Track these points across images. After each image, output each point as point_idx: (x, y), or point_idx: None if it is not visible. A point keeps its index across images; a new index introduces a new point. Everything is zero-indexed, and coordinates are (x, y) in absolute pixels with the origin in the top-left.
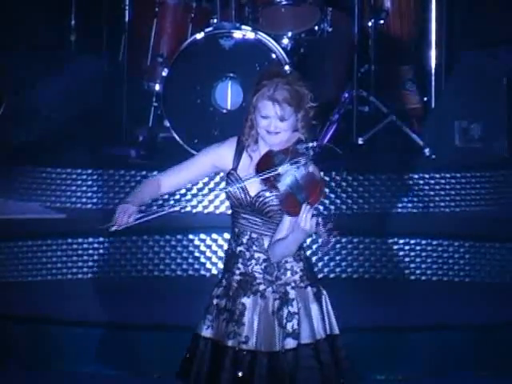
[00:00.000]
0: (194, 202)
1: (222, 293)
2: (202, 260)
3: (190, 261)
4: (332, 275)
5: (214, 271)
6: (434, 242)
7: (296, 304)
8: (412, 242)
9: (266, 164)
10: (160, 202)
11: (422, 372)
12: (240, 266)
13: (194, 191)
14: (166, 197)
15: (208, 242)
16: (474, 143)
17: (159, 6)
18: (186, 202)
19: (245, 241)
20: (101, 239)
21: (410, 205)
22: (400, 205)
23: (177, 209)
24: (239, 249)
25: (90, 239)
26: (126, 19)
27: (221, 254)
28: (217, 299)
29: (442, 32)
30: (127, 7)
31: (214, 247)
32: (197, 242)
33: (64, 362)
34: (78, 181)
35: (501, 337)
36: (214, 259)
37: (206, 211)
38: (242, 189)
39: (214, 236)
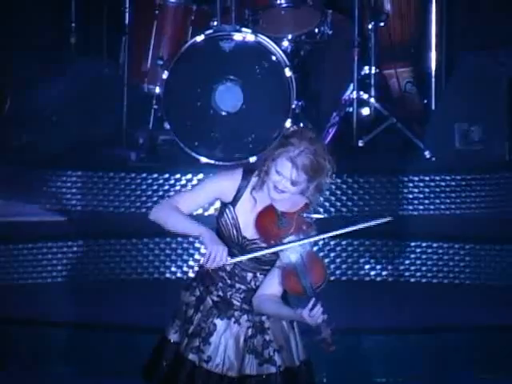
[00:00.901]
0: None
1: (192, 302)
2: (191, 263)
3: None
4: (332, 278)
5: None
6: (435, 245)
7: (271, 332)
8: (412, 244)
9: (269, 223)
10: None
11: (422, 374)
12: (219, 289)
13: None
14: None
15: (185, 245)
16: (475, 145)
17: (159, 8)
18: None
19: (228, 269)
20: (101, 242)
21: (410, 207)
22: (400, 207)
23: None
24: (221, 274)
25: (91, 242)
26: (126, 22)
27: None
28: (186, 306)
29: (442, 34)
30: (127, 10)
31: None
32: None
33: (63, 364)
34: (78, 183)
35: (501, 339)
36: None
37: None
38: (235, 225)
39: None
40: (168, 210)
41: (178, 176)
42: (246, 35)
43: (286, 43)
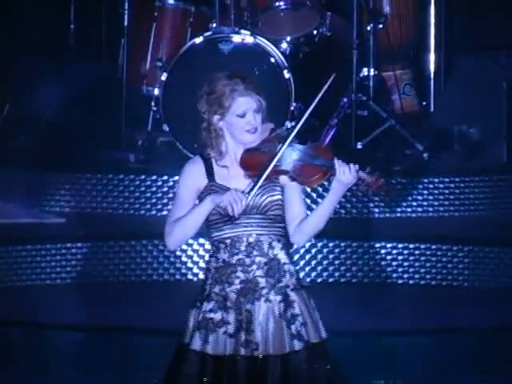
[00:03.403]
0: None
1: (214, 306)
2: (189, 265)
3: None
4: (330, 280)
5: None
6: (433, 247)
7: (297, 306)
8: (411, 246)
9: (255, 159)
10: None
11: (421, 376)
12: (240, 274)
13: None
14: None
15: (183, 246)
16: (473, 147)
17: (158, 10)
18: None
19: (243, 248)
20: (99, 243)
21: (408, 209)
22: (399, 209)
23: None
24: (236, 258)
25: (89, 243)
26: (125, 24)
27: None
28: (210, 313)
29: (440, 36)
30: (126, 11)
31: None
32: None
33: (63, 365)
34: (77, 185)
35: (500, 340)
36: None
37: None
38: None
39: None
40: (178, 225)
41: (176, 178)
42: (244, 37)
43: (284, 45)
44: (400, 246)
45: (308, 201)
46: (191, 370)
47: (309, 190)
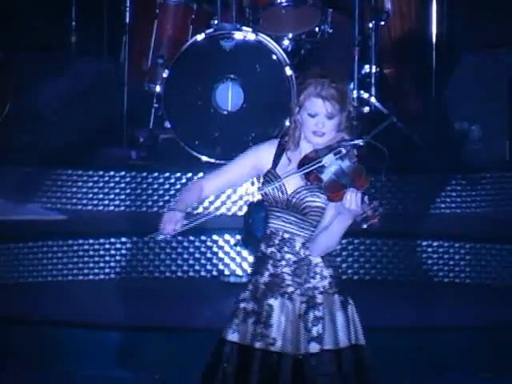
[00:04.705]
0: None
1: (248, 296)
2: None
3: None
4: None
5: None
6: (435, 243)
7: (322, 309)
8: (412, 243)
9: (309, 160)
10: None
11: (422, 374)
12: (270, 267)
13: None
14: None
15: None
16: (475, 145)
17: (160, 7)
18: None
19: (277, 242)
20: (101, 241)
21: (410, 206)
22: (400, 206)
23: (217, 213)
24: (270, 250)
25: (91, 241)
26: (127, 21)
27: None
28: (243, 303)
29: (442, 33)
30: (128, 8)
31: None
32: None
33: (64, 363)
34: (79, 182)
35: (501, 338)
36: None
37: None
38: (279, 186)
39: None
40: (184, 191)
41: (178, 175)
42: (246, 34)
43: (286, 42)
44: (401, 243)
45: None
46: (222, 358)
47: None
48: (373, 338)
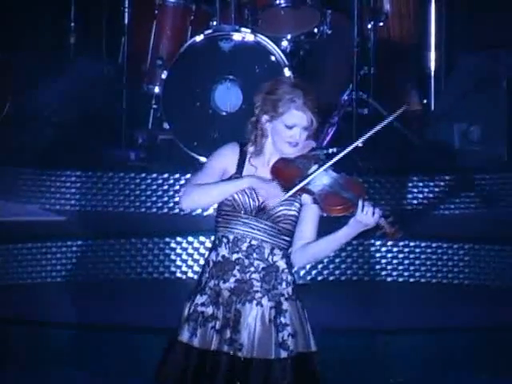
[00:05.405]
0: None
1: (207, 300)
2: (178, 263)
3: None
4: (331, 278)
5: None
6: (434, 245)
7: (288, 315)
8: (411, 244)
9: (288, 170)
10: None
11: (422, 374)
12: (236, 273)
13: None
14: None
15: (184, 244)
16: (474, 146)
17: (159, 8)
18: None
19: (244, 248)
20: (100, 242)
21: (409, 207)
22: (399, 207)
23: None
24: (236, 256)
25: (90, 241)
26: (126, 22)
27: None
28: (202, 307)
29: (441, 34)
30: (127, 10)
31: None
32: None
33: (63, 363)
34: (78, 183)
35: (500, 339)
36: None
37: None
38: (249, 193)
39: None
40: (199, 188)
41: (177, 176)
42: (245, 35)
43: (285, 43)
44: (400, 243)
45: None
46: (177, 360)
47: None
48: (372, 338)
